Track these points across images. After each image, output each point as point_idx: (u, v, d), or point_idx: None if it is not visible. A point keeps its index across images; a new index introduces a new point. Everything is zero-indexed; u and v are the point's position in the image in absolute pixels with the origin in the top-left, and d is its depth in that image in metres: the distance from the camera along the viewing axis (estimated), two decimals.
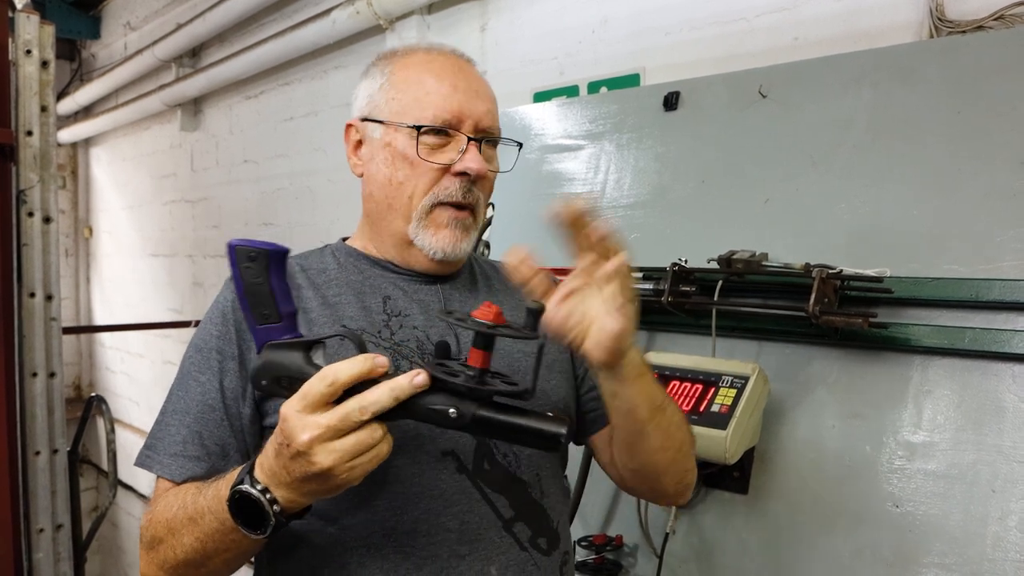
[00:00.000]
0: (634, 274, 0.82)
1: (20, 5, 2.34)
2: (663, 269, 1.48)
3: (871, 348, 1.29)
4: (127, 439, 4.76)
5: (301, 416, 0.73)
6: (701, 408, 1.31)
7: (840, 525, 1.27)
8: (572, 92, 2.17)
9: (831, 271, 1.27)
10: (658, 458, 0.98)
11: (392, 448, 0.90)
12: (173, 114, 4.47)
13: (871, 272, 1.27)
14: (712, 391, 1.33)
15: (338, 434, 0.73)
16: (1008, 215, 1.19)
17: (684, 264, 1.45)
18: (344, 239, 1.10)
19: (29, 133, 2.23)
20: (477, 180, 0.99)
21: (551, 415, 0.78)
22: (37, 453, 2.26)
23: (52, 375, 2.29)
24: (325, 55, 3.24)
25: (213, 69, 3.80)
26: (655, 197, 1.65)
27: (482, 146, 0.99)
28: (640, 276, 1.55)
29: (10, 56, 2.21)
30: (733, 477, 1.40)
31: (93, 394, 3.01)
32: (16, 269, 2.22)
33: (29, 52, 2.23)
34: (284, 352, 0.79)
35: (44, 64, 2.26)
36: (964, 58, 1.27)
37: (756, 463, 1.39)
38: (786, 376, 1.38)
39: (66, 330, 2.62)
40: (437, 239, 0.98)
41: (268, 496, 0.76)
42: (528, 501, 0.98)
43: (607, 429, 1.09)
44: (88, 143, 5.97)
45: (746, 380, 1.31)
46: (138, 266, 5.23)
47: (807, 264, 1.29)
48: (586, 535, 1.55)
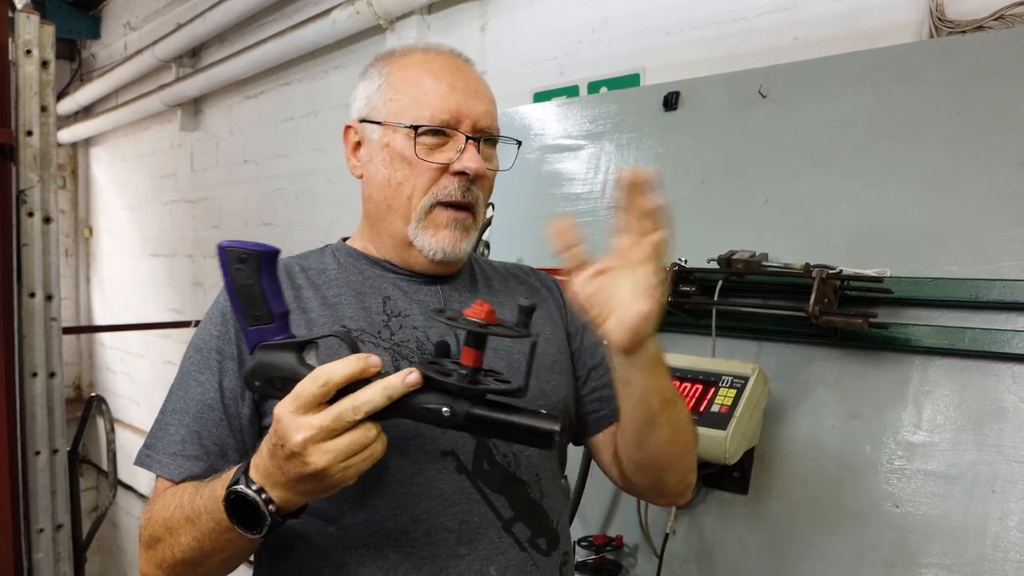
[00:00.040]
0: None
1: (20, 5, 2.34)
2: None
3: (871, 348, 1.29)
4: (127, 439, 4.76)
5: (295, 417, 0.73)
6: (701, 408, 1.31)
7: (840, 525, 1.27)
8: (572, 92, 2.17)
9: (831, 271, 1.27)
10: (665, 451, 0.98)
11: (389, 448, 0.90)
12: (173, 114, 4.47)
13: (871, 272, 1.27)
14: (712, 391, 1.33)
15: (332, 434, 0.73)
16: (1008, 215, 1.19)
17: (684, 264, 1.45)
18: (344, 239, 1.10)
19: (29, 133, 2.23)
20: (476, 179, 0.98)
21: (544, 412, 0.78)
22: (37, 453, 2.26)
23: (52, 375, 2.29)
24: (325, 55, 3.24)
25: (213, 69, 3.80)
26: None
27: (481, 145, 0.99)
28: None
29: (10, 56, 2.21)
30: (733, 477, 1.40)
31: (93, 394, 3.01)
32: (16, 269, 2.22)
33: (29, 52, 2.23)
34: (277, 353, 0.79)
35: (44, 64, 2.26)
36: (964, 58, 1.27)
37: (756, 463, 1.39)
38: (786, 376, 1.38)
39: (66, 330, 2.62)
40: (436, 240, 0.98)
41: (263, 496, 0.76)
42: (528, 501, 0.98)
43: (609, 429, 1.09)
44: (88, 143, 5.97)
45: (746, 380, 1.31)
46: (138, 266, 5.23)
47: (807, 264, 1.29)
48: (586, 535, 1.55)
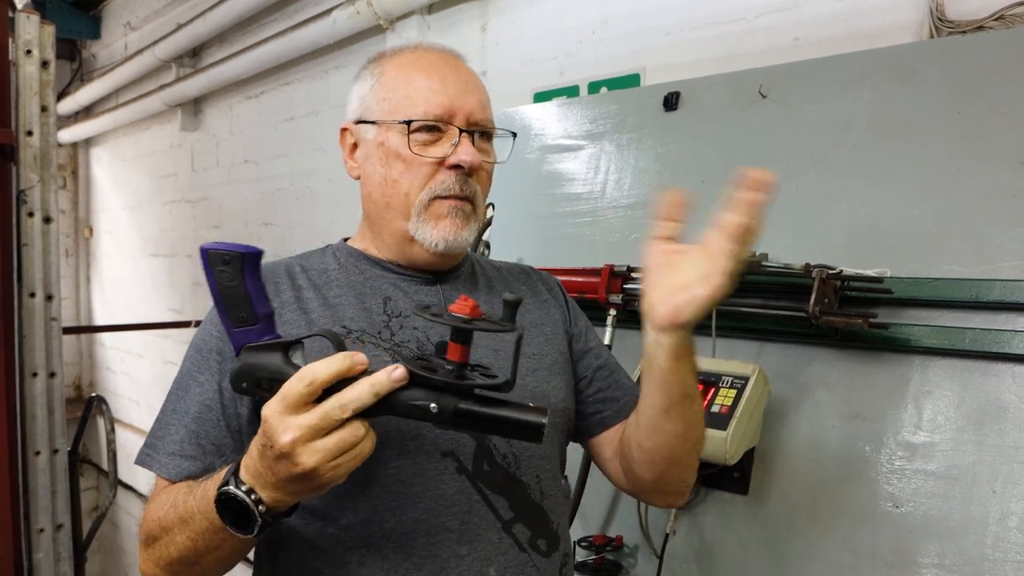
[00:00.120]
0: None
1: (20, 5, 2.34)
2: None
3: (871, 348, 1.29)
4: (127, 439, 4.76)
5: (282, 417, 0.73)
6: (702, 408, 1.31)
7: (840, 525, 1.27)
8: (572, 92, 2.17)
9: (831, 271, 1.27)
10: (675, 443, 0.97)
11: (389, 448, 0.91)
12: (173, 114, 4.47)
13: (871, 272, 1.27)
14: (712, 391, 1.33)
15: (320, 433, 0.72)
16: (1008, 215, 1.19)
17: None
18: (345, 239, 1.10)
19: (29, 133, 2.23)
20: (473, 172, 0.98)
21: (532, 405, 0.78)
22: (37, 453, 2.26)
23: (52, 375, 2.29)
24: (325, 55, 3.24)
25: (213, 69, 3.80)
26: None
27: (476, 139, 0.99)
28: (640, 276, 1.55)
29: (10, 56, 2.20)
30: (733, 478, 1.40)
31: (93, 394, 3.01)
32: (16, 269, 2.21)
33: (29, 52, 2.23)
34: (263, 354, 0.78)
35: (44, 64, 2.26)
36: (964, 58, 1.27)
37: (756, 464, 1.39)
38: (786, 377, 1.38)
39: (66, 330, 2.62)
40: (438, 230, 0.98)
41: (253, 497, 0.76)
42: (528, 502, 0.98)
43: (612, 429, 1.10)
44: (88, 143, 5.97)
45: (746, 380, 1.31)
46: (138, 266, 5.23)
47: (807, 264, 1.29)
48: (586, 535, 1.55)
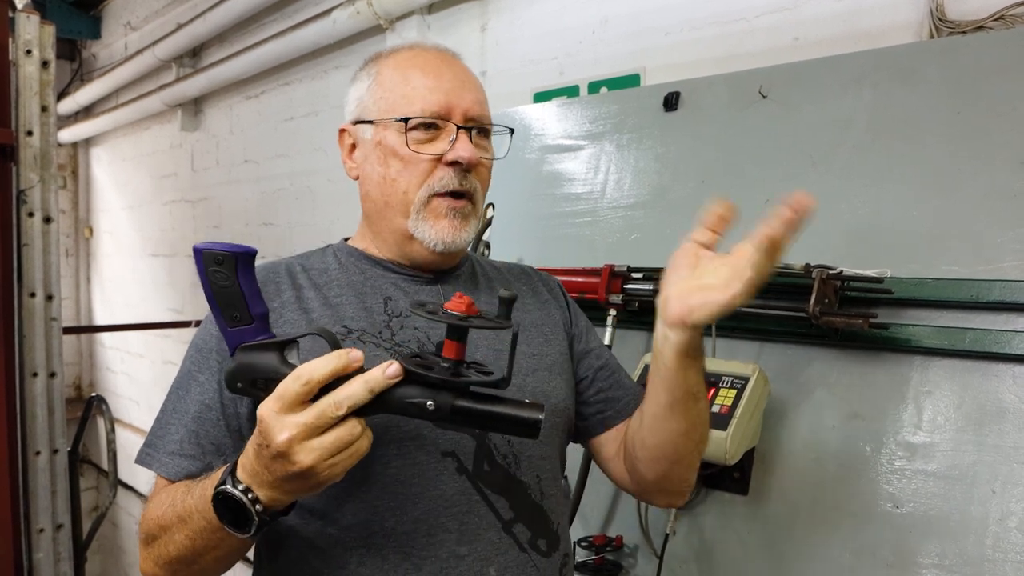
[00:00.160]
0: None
1: (20, 5, 2.34)
2: (663, 269, 1.48)
3: (871, 349, 1.29)
4: (127, 439, 4.76)
5: (279, 417, 0.73)
6: None
7: (840, 526, 1.27)
8: (572, 92, 2.17)
9: (831, 272, 1.27)
10: (678, 442, 0.98)
11: (389, 448, 0.91)
12: (173, 114, 4.46)
13: (871, 273, 1.27)
14: (712, 391, 1.33)
15: (316, 432, 0.73)
16: (1008, 215, 1.19)
17: None
18: (346, 239, 1.10)
19: (29, 133, 2.23)
20: (471, 168, 0.98)
21: (528, 402, 0.78)
22: (37, 453, 2.26)
23: (52, 375, 2.29)
24: (325, 55, 3.24)
25: (213, 69, 3.80)
26: (655, 197, 1.65)
27: (473, 135, 0.99)
28: (640, 277, 1.55)
29: (10, 56, 2.21)
30: (733, 478, 1.40)
31: (93, 394, 3.01)
32: (16, 269, 2.21)
33: (29, 52, 2.23)
34: (258, 354, 0.78)
35: (44, 64, 2.26)
36: (964, 58, 1.27)
37: (756, 464, 1.39)
38: (786, 377, 1.38)
39: (66, 330, 2.62)
40: (436, 230, 0.98)
41: (250, 496, 0.76)
42: (528, 503, 0.98)
43: (614, 429, 1.10)
44: (88, 143, 5.97)
45: (746, 381, 1.31)
46: (138, 266, 5.22)
47: (807, 265, 1.29)
48: (586, 536, 1.56)
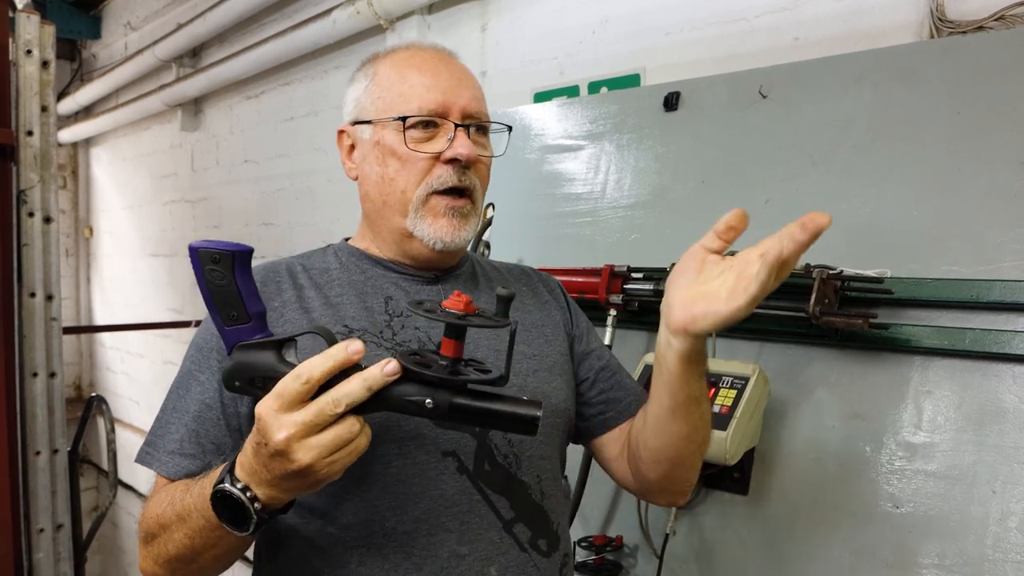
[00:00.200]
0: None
1: (21, 5, 2.34)
2: (663, 269, 1.49)
3: (871, 349, 1.29)
4: (127, 439, 4.76)
5: (277, 415, 0.73)
6: None
7: (840, 526, 1.27)
8: (572, 92, 2.17)
9: (831, 272, 1.27)
10: (680, 444, 0.98)
11: (390, 448, 0.91)
12: (173, 114, 4.46)
13: (871, 273, 1.27)
14: (712, 392, 1.33)
15: (315, 430, 0.73)
16: (1008, 215, 1.19)
17: None
18: (347, 239, 1.10)
19: (29, 133, 2.23)
20: (470, 165, 0.98)
21: (526, 399, 0.79)
22: (37, 453, 2.26)
23: (52, 375, 2.29)
24: (325, 55, 3.24)
25: (213, 69, 3.80)
26: (655, 197, 1.65)
27: (472, 133, 0.99)
28: (640, 277, 1.55)
29: (10, 56, 2.21)
30: (733, 478, 1.40)
31: (93, 394, 3.01)
32: (16, 269, 2.22)
33: (29, 52, 2.23)
34: (256, 352, 0.78)
35: (44, 64, 2.26)
36: (964, 58, 1.27)
37: (756, 464, 1.39)
38: (786, 377, 1.38)
39: (66, 330, 2.62)
40: (435, 228, 0.98)
41: (248, 494, 0.76)
42: (528, 503, 0.98)
43: (616, 430, 1.10)
44: (88, 143, 5.97)
45: (746, 381, 1.31)
46: (138, 266, 5.22)
47: (807, 265, 1.29)
48: (586, 536, 1.55)
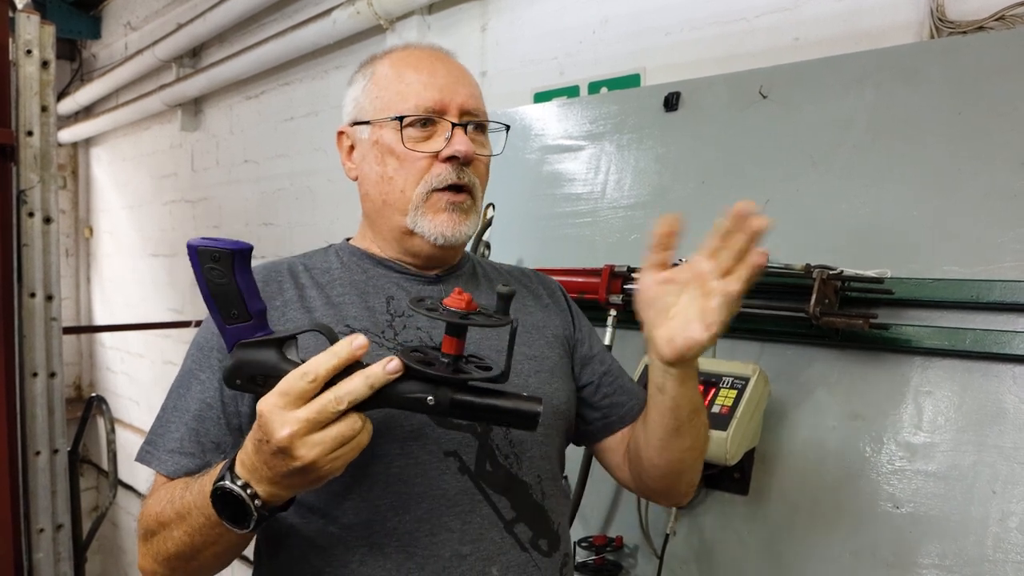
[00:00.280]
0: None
1: (21, 5, 2.34)
2: None
3: (872, 349, 1.29)
4: (127, 439, 4.76)
5: (280, 412, 0.73)
6: None
7: (840, 526, 1.27)
8: (572, 92, 2.17)
9: (832, 272, 1.27)
10: (685, 457, 0.99)
11: (392, 447, 0.91)
12: (173, 114, 4.46)
13: (872, 273, 1.27)
14: (713, 392, 1.33)
15: (317, 427, 0.73)
16: (1008, 215, 1.19)
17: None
18: (348, 239, 1.11)
19: (29, 133, 2.23)
20: (468, 163, 0.99)
21: (526, 395, 0.80)
22: (37, 453, 2.26)
23: (52, 375, 2.29)
24: (325, 55, 3.24)
25: (213, 69, 3.80)
26: (655, 198, 1.65)
27: (470, 131, 0.99)
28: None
29: (10, 56, 2.21)
30: (733, 478, 1.40)
31: (93, 394, 3.01)
32: (16, 269, 2.22)
33: (29, 52, 2.23)
34: (257, 351, 0.78)
35: (44, 64, 2.26)
36: (965, 59, 1.27)
37: (756, 464, 1.39)
38: (787, 377, 1.38)
39: (66, 330, 2.62)
40: (436, 224, 0.98)
41: (249, 491, 0.76)
42: (529, 503, 0.98)
43: (618, 433, 1.10)
44: (88, 143, 5.97)
45: (747, 381, 1.31)
46: (138, 266, 5.22)
47: (807, 265, 1.29)
48: (586, 536, 1.56)
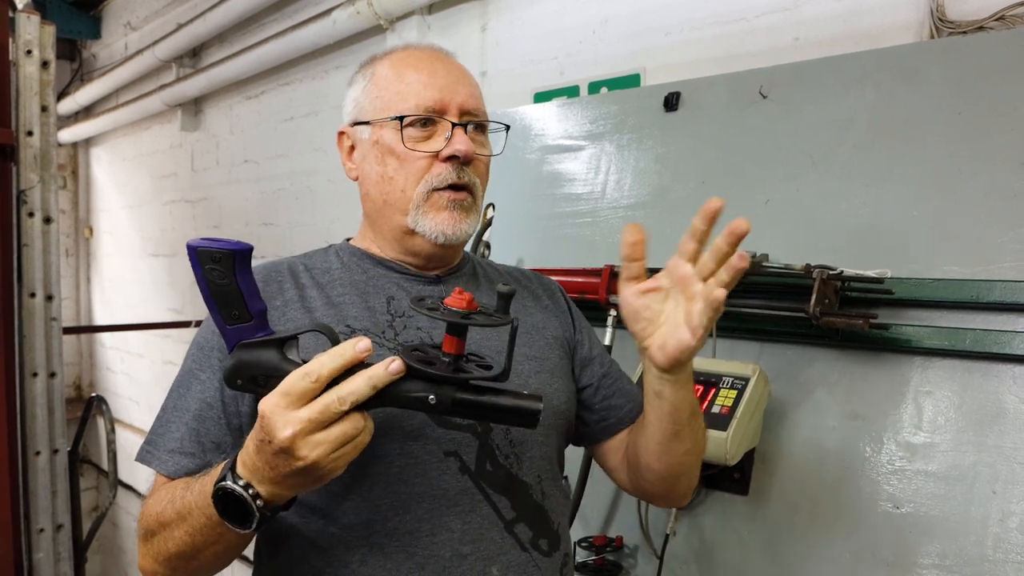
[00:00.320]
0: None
1: (21, 5, 2.34)
2: (662, 270, 1.48)
3: (872, 349, 1.29)
4: (127, 439, 4.76)
5: (283, 412, 0.73)
6: (702, 409, 1.31)
7: (840, 526, 1.27)
8: (572, 92, 2.17)
9: (832, 272, 1.27)
10: (684, 460, 0.99)
11: (392, 448, 0.91)
12: (173, 114, 4.46)
13: (872, 273, 1.27)
14: (713, 392, 1.33)
15: (320, 427, 0.73)
16: (1008, 215, 1.19)
17: None
18: (348, 239, 1.11)
19: (29, 133, 2.23)
20: (468, 163, 0.99)
21: (527, 393, 0.80)
22: (37, 453, 2.26)
23: (52, 375, 2.29)
24: (326, 55, 3.24)
25: (213, 69, 3.80)
26: (655, 198, 1.65)
27: (469, 131, 1.00)
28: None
29: (11, 56, 2.21)
30: (733, 478, 1.40)
31: (93, 394, 3.01)
32: (16, 269, 2.21)
33: (30, 52, 2.23)
34: (258, 351, 0.78)
35: (44, 64, 2.26)
36: (965, 59, 1.27)
37: (756, 464, 1.39)
38: (787, 377, 1.38)
39: (66, 330, 2.62)
40: (437, 222, 0.98)
41: (251, 492, 0.76)
42: (529, 503, 0.98)
43: (617, 436, 1.10)
44: (88, 143, 5.97)
45: (747, 381, 1.31)
46: (138, 266, 5.22)
47: (807, 265, 1.29)
48: (586, 536, 1.56)
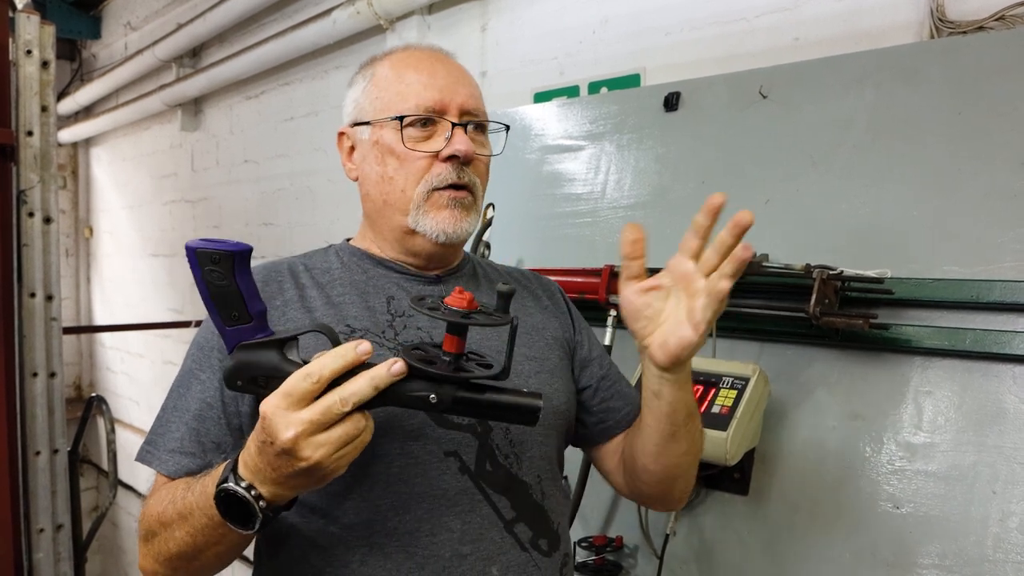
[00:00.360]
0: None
1: (21, 5, 2.34)
2: (662, 270, 1.48)
3: (872, 349, 1.29)
4: (127, 439, 4.76)
5: (284, 413, 0.73)
6: (702, 409, 1.31)
7: (840, 526, 1.27)
8: (572, 92, 2.17)
9: (832, 272, 1.27)
10: (680, 462, 0.99)
11: (392, 448, 0.91)
12: (173, 114, 4.46)
13: (872, 273, 1.27)
14: (713, 392, 1.33)
15: (321, 428, 0.73)
16: (1008, 215, 1.19)
17: None
18: (348, 240, 1.11)
19: (29, 133, 2.23)
20: (468, 163, 0.99)
21: (527, 391, 0.80)
22: (37, 453, 2.27)
23: (52, 375, 2.30)
24: (326, 55, 3.24)
25: (213, 69, 3.80)
26: (655, 198, 1.65)
27: (469, 131, 1.00)
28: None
29: (10, 56, 2.21)
30: (733, 478, 1.40)
31: (93, 394, 3.01)
32: (16, 269, 2.22)
33: (30, 52, 2.23)
34: (259, 352, 0.78)
35: (44, 64, 2.26)
36: (965, 59, 1.27)
37: (756, 464, 1.39)
38: (787, 377, 1.38)
39: (66, 330, 2.62)
40: (438, 221, 0.98)
41: (253, 493, 0.76)
42: (529, 503, 0.98)
43: (615, 439, 1.10)
44: (88, 143, 5.97)
45: (746, 381, 1.31)
46: (138, 266, 5.22)
47: (807, 265, 1.29)
48: (586, 536, 1.56)
